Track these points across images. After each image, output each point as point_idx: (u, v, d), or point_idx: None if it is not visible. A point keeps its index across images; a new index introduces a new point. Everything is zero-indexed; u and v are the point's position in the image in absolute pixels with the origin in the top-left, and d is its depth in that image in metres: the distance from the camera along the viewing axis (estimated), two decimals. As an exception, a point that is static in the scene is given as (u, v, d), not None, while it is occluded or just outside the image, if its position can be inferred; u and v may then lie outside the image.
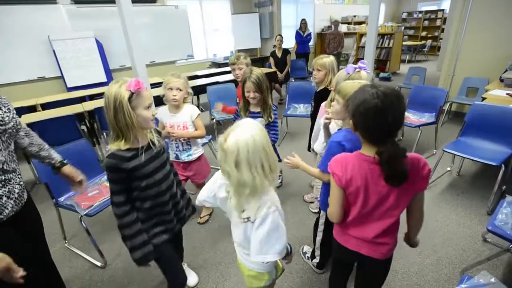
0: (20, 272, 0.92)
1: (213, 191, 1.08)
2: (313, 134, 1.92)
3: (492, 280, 1.16)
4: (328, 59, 2.00)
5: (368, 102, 0.84)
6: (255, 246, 0.94)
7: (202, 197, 1.13)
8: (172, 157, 1.94)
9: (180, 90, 1.80)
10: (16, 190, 1.14)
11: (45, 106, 3.71)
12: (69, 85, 4.91)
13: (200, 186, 2.03)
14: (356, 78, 1.38)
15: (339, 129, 1.31)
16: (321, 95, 2.00)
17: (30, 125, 2.81)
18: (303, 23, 6.22)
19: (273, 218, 0.91)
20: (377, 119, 0.84)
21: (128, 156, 1.08)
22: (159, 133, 1.27)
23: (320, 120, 1.54)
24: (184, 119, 1.88)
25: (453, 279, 1.66)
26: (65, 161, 1.43)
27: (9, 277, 0.91)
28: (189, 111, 1.90)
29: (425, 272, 1.71)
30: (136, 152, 1.10)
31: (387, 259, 1.09)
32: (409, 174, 0.85)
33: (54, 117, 2.94)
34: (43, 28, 4.61)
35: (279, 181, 2.69)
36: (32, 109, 3.63)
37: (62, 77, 4.88)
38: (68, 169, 1.43)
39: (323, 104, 1.78)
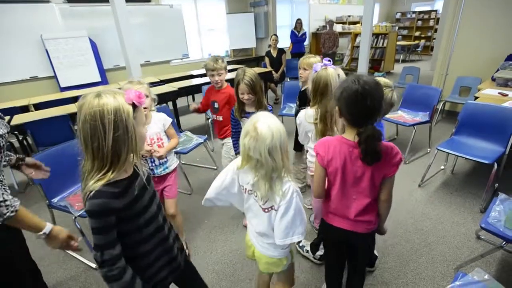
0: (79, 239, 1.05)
1: (225, 187, 1.08)
2: (303, 134, 1.87)
3: (486, 276, 1.17)
4: (315, 59, 2.02)
5: (350, 88, 0.96)
6: (282, 231, 1.01)
7: (211, 194, 1.11)
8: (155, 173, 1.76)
9: (146, 96, 1.54)
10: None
11: (38, 106, 3.65)
12: (62, 85, 4.85)
13: (170, 199, 1.80)
14: (323, 75, 1.48)
15: None
16: (306, 94, 1.99)
17: (22, 125, 2.78)
18: (298, 23, 6.24)
19: (296, 202, 0.99)
20: (357, 102, 0.95)
21: (117, 191, 0.82)
22: None
23: None
24: (156, 130, 1.67)
25: (448, 276, 1.67)
26: (21, 157, 1.36)
27: (69, 247, 1.07)
28: (161, 120, 1.70)
29: (420, 270, 1.73)
30: (127, 184, 0.85)
31: (369, 233, 1.20)
32: (381, 158, 0.98)
33: (47, 117, 2.90)
34: (35, 27, 4.54)
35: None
36: (24, 109, 3.58)
37: (55, 76, 4.81)
38: (30, 160, 1.37)
39: None
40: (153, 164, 1.72)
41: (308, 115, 1.62)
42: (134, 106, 0.81)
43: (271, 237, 1.08)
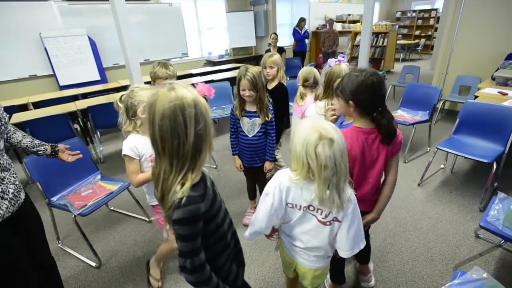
0: None
1: (274, 211, 0.98)
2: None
3: (485, 275, 1.18)
4: (277, 56, 2.20)
5: (367, 81, 1.04)
6: (350, 242, 0.98)
7: (263, 225, 0.99)
8: (151, 199, 1.49)
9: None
10: (11, 190, 1.11)
11: (37, 105, 3.65)
12: (61, 84, 4.84)
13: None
14: (337, 71, 1.56)
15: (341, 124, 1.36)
16: (279, 91, 2.22)
17: (21, 124, 2.77)
18: (302, 21, 6.24)
19: (358, 209, 0.97)
20: (375, 92, 1.05)
21: (201, 193, 0.76)
22: None
23: (310, 115, 1.74)
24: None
25: (447, 274, 1.68)
26: (55, 145, 1.50)
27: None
28: None
29: (419, 269, 1.73)
30: (204, 184, 0.80)
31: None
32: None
33: (46, 116, 2.89)
34: (34, 25, 4.53)
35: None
36: (23, 108, 3.58)
37: (54, 75, 4.80)
38: (61, 146, 1.54)
39: (312, 103, 1.87)
40: None
41: (319, 107, 1.68)
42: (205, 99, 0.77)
43: (323, 250, 1.03)
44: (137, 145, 1.32)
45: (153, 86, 1.19)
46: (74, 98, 3.91)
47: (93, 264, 1.89)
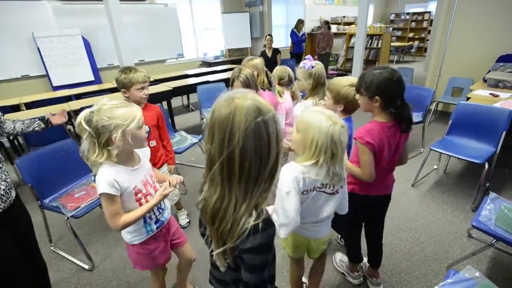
0: None
1: (299, 204, 1.02)
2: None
3: (477, 274, 1.19)
4: (258, 60, 2.12)
5: (392, 78, 1.17)
6: (346, 202, 1.19)
7: (298, 219, 1.00)
8: (151, 228, 1.22)
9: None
10: (2, 187, 1.11)
11: (30, 106, 3.60)
12: (54, 84, 4.78)
13: (186, 243, 1.43)
14: (319, 69, 1.75)
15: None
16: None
17: (13, 125, 2.73)
18: (300, 23, 6.26)
19: None
20: (400, 86, 1.18)
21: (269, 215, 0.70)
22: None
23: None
24: (148, 164, 1.21)
25: (440, 274, 1.70)
26: (42, 117, 1.60)
27: None
28: (142, 151, 1.19)
29: (413, 269, 1.75)
30: None
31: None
32: None
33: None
34: (27, 24, 4.47)
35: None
36: (15, 108, 3.52)
37: (47, 75, 4.75)
38: (51, 117, 1.62)
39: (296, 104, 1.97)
40: (159, 211, 1.25)
41: (308, 105, 1.75)
42: None
43: (330, 218, 1.18)
44: (117, 178, 1.02)
45: (123, 102, 1.00)
46: (68, 98, 3.87)
47: (86, 266, 1.87)
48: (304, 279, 1.52)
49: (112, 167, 1.04)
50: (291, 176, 0.99)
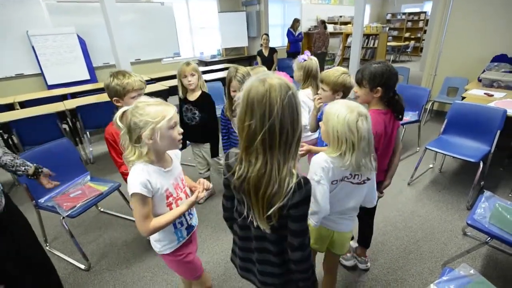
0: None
1: (328, 178, 1.06)
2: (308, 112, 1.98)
3: (472, 271, 1.20)
4: (195, 63, 2.11)
5: (391, 70, 1.29)
6: (374, 193, 1.20)
7: (328, 207, 1.06)
8: (182, 235, 1.16)
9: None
10: None
11: (24, 105, 3.56)
12: (49, 83, 4.73)
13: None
14: (311, 64, 1.90)
15: None
16: (206, 101, 2.11)
17: (7, 124, 2.70)
18: (297, 22, 6.25)
19: None
20: (396, 78, 1.30)
21: None
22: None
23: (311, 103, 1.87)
24: (179, 167, 1.17)
25: (435, 272, 1.71)
26: (40, 167, 1.43)
27: None
28: (173, 153, 1.16)
29: (409, 267, 1.76)
30: None
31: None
32: None
33: (34, 115, 2.82)
34: (21, 23, 4.42)
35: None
36: (9, 107, 3.48)
37: (42, 74, 4.70)
38: (46, 170, 1.47)
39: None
40: (190, 216, 1.20)
41: (308, 94, 1.89)
42: None
43: (356, 210, 1.20)
44: (150, 178, 0.98)
45: (159, 100, 0.98)
46: (63, 97, 3.83)
47: (82, 266, 1.85)
48: None
49: (145, 166, 0.99)
50: (321, 165, 1.04)
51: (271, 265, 0.90)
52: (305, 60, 1.90)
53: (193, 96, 2.06)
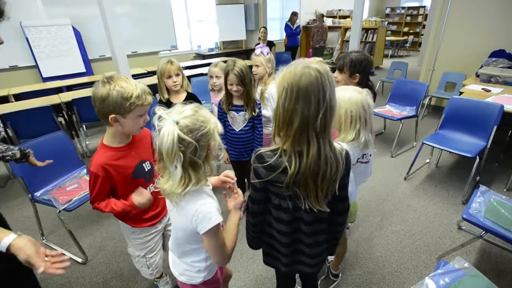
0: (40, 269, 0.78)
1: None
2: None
3: (466, 265, 1.22)
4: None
5: (368, 58, 1.49)
6: (371, 169, 1.31)
7: (355, 189, 1.29)
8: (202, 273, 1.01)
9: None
10: None
11: (19, 97, 3.52)
12: (44, 75, 4.66)
13: None
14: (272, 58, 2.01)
15: None
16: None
17: (1, 116, 2.66)
18: (294, 16, 6.19)
19: None
20: (372, 65, 1.42)
21: None
22: None
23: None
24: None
25: (430, 265, 1.73)
26: (24, 149, 1.40)
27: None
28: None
29: (404, 260, 1.78)
30: None
31: None
32: None
33: (29, 108, 2.79)
34: (14, 13, 4.32)
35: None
36: (4, 100, 3.44)
37: (36, 66, 4.62)
38: (34, 159, 1.45)
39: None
40: None
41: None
42: None
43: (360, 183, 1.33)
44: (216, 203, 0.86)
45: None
46: (58, 90, 3.79)
47: (79, 260, 1.85)
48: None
49: (208, 190, 0.86)
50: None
51: (321, 243, 0.96)
52: (268, 53, 1.97)
53: (178, 99, 1.87)
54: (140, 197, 1.11)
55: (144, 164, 1.19)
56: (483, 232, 1.52)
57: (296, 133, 0.75)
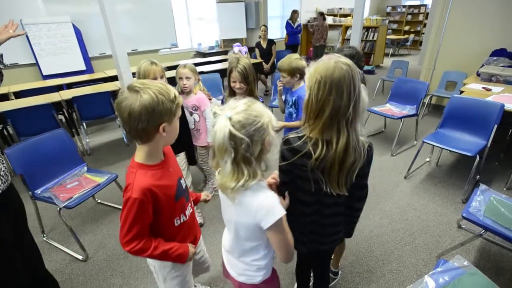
0: None
1: None
2: None
3: (465, 263, 1.22)
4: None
5: (359, 53, 1.62)
6: None
7: None
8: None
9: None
10: (2, 168, 1.13)
11: (19, 95, 3.52)
12: (44, 73, 4.66)
13: None
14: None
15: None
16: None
17: (2, 114, 2.67)
18: (295, 14, 6.16)
19: None
20: (363, 59, 1.46)
21: None
22: None
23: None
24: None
25: (430, 263, 1.74)
26: None
27: None
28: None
29: (404, 258, 1.79)
30: None
31: None
32: None
33: (29, 106, 2.79)
34: (14, 11, 4.31)
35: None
36: (4, 97, 3.43)
37: (37, 64, 4.62)
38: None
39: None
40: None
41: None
42: None
43: None
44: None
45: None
46: (59, 88, 3.78)
47: (80, 257, 1.86)
48: None
49: (262, 184, 0.83)
50: None
51: (338, 224, 1.05)
52: (246, 53, 2.04)
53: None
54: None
55: (181, 181, 1.04)
56: (483, 230, 1.52)
57: (326, 122, 0.81)
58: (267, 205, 0.78)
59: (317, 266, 1.32)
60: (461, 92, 2.88)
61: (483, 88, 2.89)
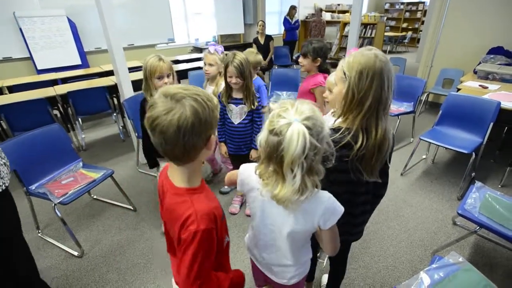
0: None
1: None
2: None
3: (460, 259, 1.23)
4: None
5: (326, 45, 1.83)
6: None
7: None
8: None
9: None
10: (5, 161, 1.15)
11: (13, 89, 3.46)
12: (39, 67, 4.58)
13: None
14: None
15: None
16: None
17: (-5, 108, 2.62)
18: (293, 10, 6.12)
19: None
20: (330, 51, 1.54)
21: None
22: None
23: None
24: None
25: (425, 260, 1.75)
26: None
27: None
28: None
29: (399, 254, 1.80)
30: None
31: None
32: None
33: (23, 100, 2.74)
34: (7, 3, 4.23)
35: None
36: (-3, 92, 3.38)
37: (31, 58, 4.54)
38: None
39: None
40: None
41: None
42: None
43: None
44: None
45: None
46: (53, 82, 3.73)
47: (75, 253, 1.85)
48: None
49: None
50: None
51: (367, 212, 1.09)
52: (222, 52, 2.06)
53: None
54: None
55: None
56: (478, 227, 1.53)
57: (367, 112, 0.83)
58: (331, 207, 0.77)
59: (338, 258, 1.33)
60: (458, 89, 2.89)
61: (479, 85, 2.90)
